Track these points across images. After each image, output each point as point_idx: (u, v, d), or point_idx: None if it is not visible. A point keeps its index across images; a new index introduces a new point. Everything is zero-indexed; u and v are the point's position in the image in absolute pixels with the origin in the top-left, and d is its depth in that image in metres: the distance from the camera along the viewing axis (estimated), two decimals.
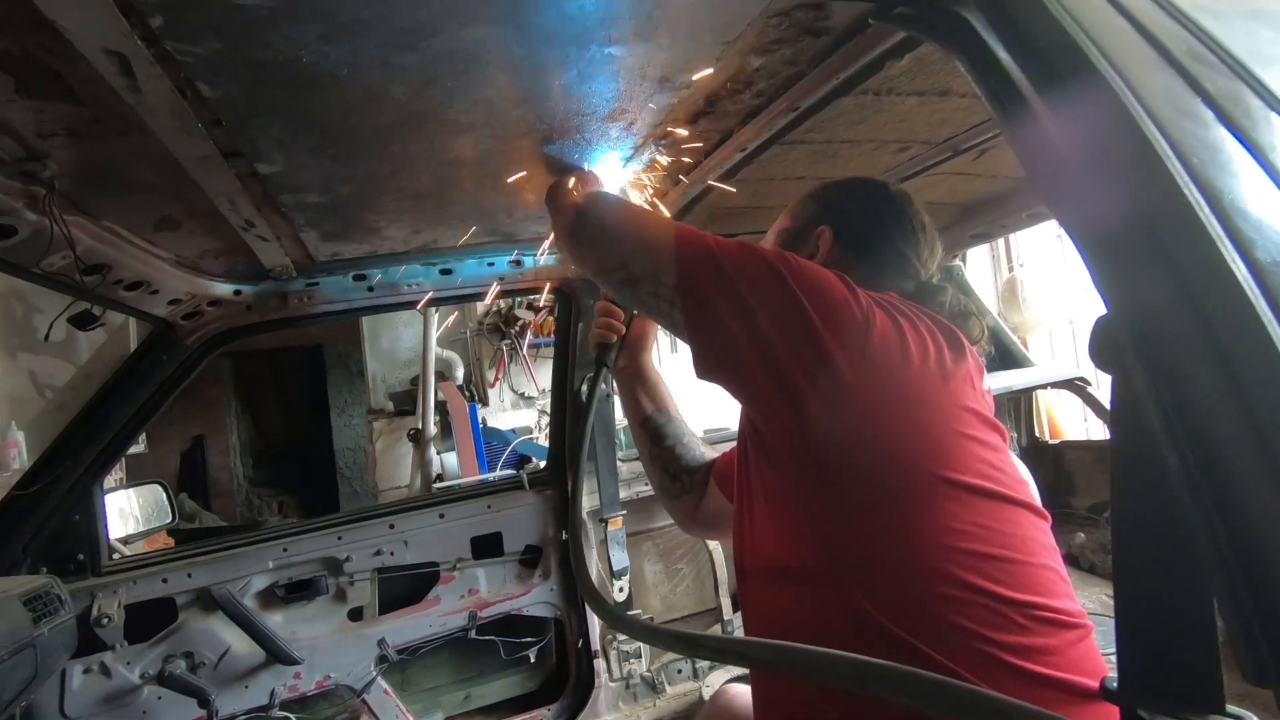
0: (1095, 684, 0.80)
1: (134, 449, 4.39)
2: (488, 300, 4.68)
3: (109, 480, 3.03)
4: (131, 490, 2.07)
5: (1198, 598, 0.47)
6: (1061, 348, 4.89)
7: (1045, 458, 2.84)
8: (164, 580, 1.84)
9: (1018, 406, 2.94)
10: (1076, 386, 2.53)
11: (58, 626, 1.52)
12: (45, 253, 1.07)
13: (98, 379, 1.78)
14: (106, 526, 1.83)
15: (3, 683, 1.38)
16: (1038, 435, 2.98)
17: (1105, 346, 0.51)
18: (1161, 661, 0.50)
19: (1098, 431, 3.92)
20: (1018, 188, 1.88)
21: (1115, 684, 0.55)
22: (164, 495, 2.10)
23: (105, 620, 1.76)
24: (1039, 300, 4.40)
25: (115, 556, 1.89)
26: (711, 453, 1.41)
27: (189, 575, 1.85)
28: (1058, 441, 2.97)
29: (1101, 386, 2.72)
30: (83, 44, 0.71)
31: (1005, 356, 2.58)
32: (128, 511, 2.13)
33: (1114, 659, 0.55)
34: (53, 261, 1.13)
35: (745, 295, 0.90)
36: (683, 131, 1.29)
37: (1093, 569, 2.42)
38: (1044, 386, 2.62)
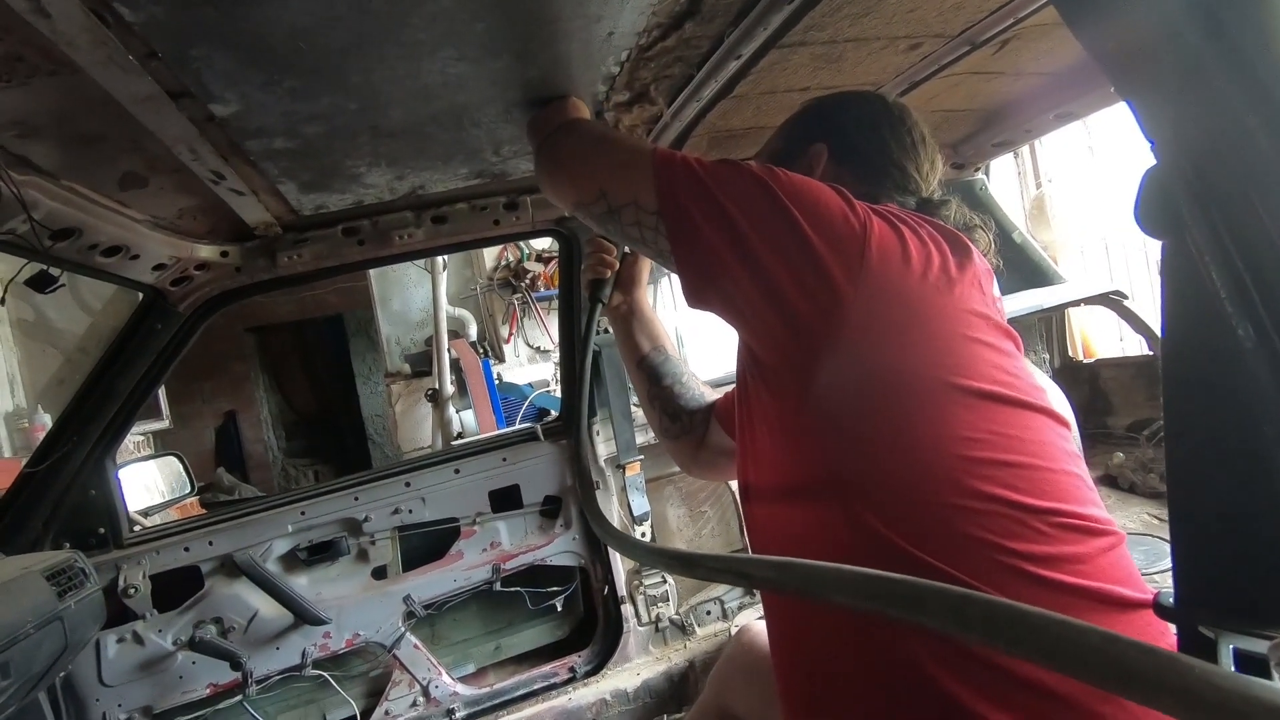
0: (1129, 593, 0.75)
1: (161, 425, 4.46)
2: (493, 249, 4.61)
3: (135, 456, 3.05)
4: (149, 463, 2.08)
5: (1277, 494, 0.39)
6: (1095, 266, 4.68)
7: (1080, 377, 2.73)
8: (186, 549, 1.85)
9: (1049, 326, 2.81)
10: (1113, 301, 2.40)
11: (84, 599, 1.53)
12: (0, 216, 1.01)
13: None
14: (124, 499, 1.83)
15: (33, 655, 1.39)
16: (1071, 355, 2.86)
17: (1155, 205, 0.42)
18: (1229, 571, 0.42)
19: (1134, 350, 3.77)
20: (1043, 84, 1.73)
21: (1171, 600, 0.48)
22: (180, 466, 2.10)
23: (132, 591, 1.78)
24: (1069, 217, 4.19)
25: (136, 528, 1.90)
26: (712, 393, 1.38)
27: (210, 543, 1.86)
28: (1092, 360, 2.85)
29: (1140, 301, 2.58)
30: None
31: (1036, 273, 2.45)
32: (152, 486, 2.15)
33: (1157, 577, 0.48)
34: (13, 227, 1.07)
35: (732, 213, 0.85)
36: (669, 41, 1.18)
37: (1133, 488, 2.33)
38: (1077, 303, 2.48)
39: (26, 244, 1.11)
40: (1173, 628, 0.51)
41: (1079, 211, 4.23)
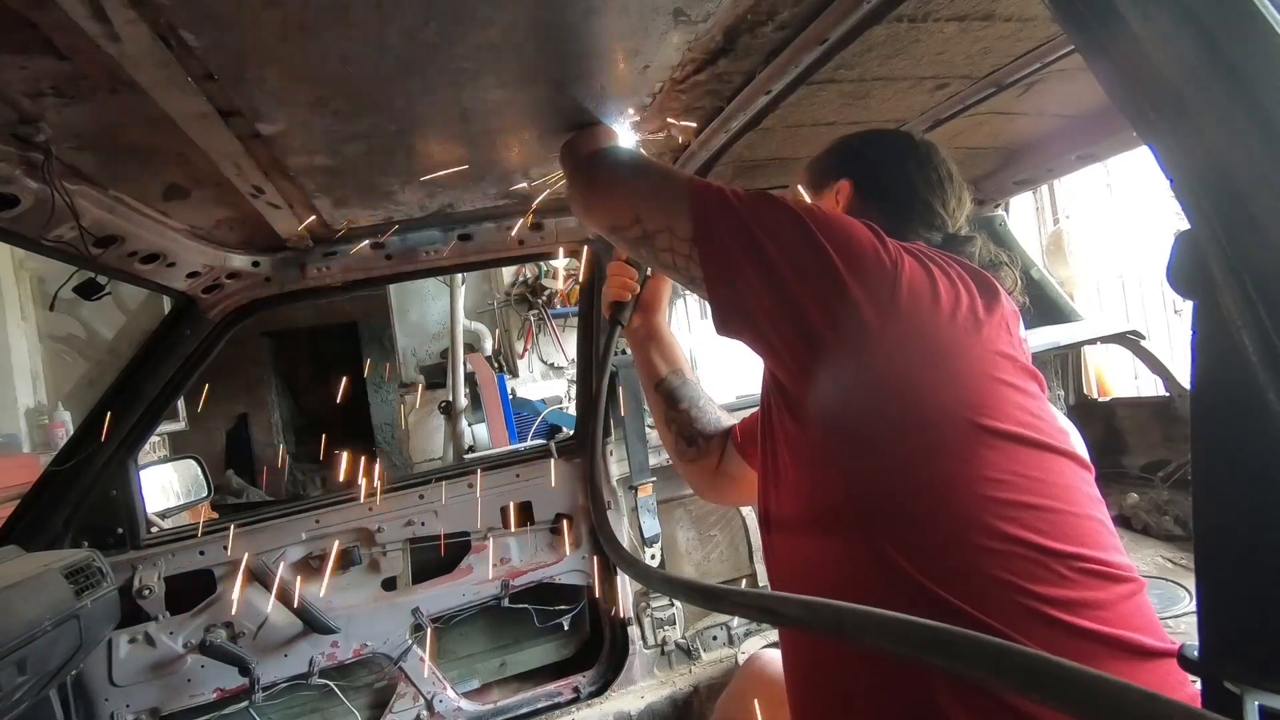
0: (1150, 641, 0.75)
1: (176, 427, 4.50)
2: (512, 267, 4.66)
3: (151, 457, 3.08)
4: (168, 465, 2.10)
5: None
6: (1111, 303, 4.67)
7: (1095, 416, 2.71)
8: (201, 552, 1.87)
9: (1064, 364, 2.80)
10: (1129, 340, 2.39)
11: (100, 598, 1.55)
12: (50, 223, 1.05)
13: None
14: (144, 500, 1.85)
15: (49, 652, 1.41)
16: (1086, 394, 2.85)
17: (1188, 266, 0.44)
18: (1256, 627, 0.43)
19: (1149, 389, 3.74)
20: (1066, 126, 1.75)
21: (1195, 653, 0.48)
22: (199, 470, 2.13)
23: (147, 592, 1.80)
24: (1086, 253, 4.19)
25: (153, 530, 1.92)
26: (729, 418, 1.39)
27: (225, 547, 1.88)
28: (1107, 399, 2.84)
29: (1156, 340, 2.57)
30: None
31: (1052, 311, 2.45)
32: (169, 487, 2.17)
33: (1171, 622, 0.48)
34: (61, 233, 1.11)
35: (765, 245, 0.87)
36: (702, 75, 1.21)
37: (1146, 530, 2.31)
38: (1094, 341, 2.48)
39: (73, 249, 1.14)
40: (1195, 679, 0.52)
41: (1096, 248, 4.23)
